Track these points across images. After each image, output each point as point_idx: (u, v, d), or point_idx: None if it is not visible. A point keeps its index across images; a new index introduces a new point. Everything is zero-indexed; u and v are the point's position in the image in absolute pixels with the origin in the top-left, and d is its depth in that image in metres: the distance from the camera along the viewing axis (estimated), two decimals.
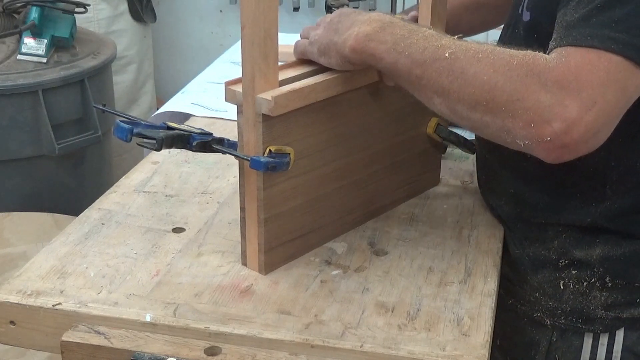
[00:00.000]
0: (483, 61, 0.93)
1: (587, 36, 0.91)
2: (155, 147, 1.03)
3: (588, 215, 1.09)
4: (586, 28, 0.91)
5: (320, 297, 1.05)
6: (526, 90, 0.90)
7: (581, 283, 1.12)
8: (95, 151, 2.34)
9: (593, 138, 0.90)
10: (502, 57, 0.93)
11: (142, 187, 1.34)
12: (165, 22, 3.44)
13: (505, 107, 0.91)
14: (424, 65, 0.96)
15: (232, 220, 1.23)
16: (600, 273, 1.10)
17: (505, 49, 0.95)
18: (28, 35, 2.16)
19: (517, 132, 0.92)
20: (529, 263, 1.16)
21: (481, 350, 0.95)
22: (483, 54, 0.94)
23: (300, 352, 0.97)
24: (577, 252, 1.11)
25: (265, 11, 0.97)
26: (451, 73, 0.94)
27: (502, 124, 0.92)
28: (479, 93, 0.93)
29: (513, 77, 0.91)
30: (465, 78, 0.93)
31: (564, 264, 1.13)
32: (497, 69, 0.92)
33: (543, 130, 0.89)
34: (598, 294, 1.11)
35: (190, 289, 1.06)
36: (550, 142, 0.90)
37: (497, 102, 0.92)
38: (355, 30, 1.01)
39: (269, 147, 1.03)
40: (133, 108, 2.92)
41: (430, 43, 0.97)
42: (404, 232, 1.21)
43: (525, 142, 0.92)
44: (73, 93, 2.20)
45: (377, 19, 1.02)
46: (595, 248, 1.10)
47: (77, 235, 1.19)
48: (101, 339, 0.99)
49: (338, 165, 1.15)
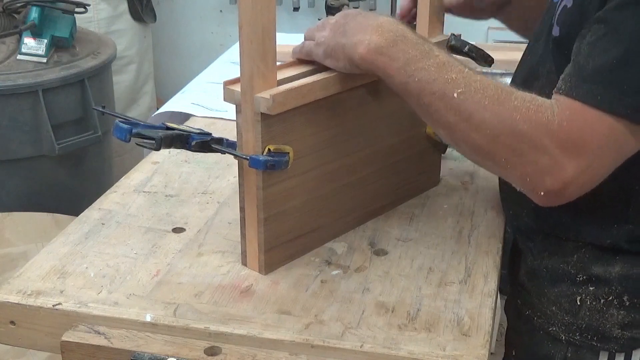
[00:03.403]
0: (489, 109, 0.94)
1: (598, 95, 0.91)
2: (154, 147, 1.03)
3: (609, 237, 1.07)
4: (598, 85, 0.92)
5: (320, 297, 1.05)
6: (527, 148, 0.93)
7: (598, 300, 1.09)
8: (95, 151, 2.34)
9: (582, 190, 0.96)
10: (507, 107, 0.94)
11: (142, 187, 1.34)
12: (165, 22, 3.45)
13: (505, 159, 0.95)
14: (433, 97, 0.97)
15: (232, 220, 1.23)
16: (618, 291, 1.08)
17: (511, 95, 0.95)
18: (28, 35, 2.16)
19: (514, 180, 0.98)
20: (546, 275, 1.14)
21: (481, 350, 0.95)
22: (490, 101, 0.95)
23: (300, 352, 0.97)
24: (596, 269, 1.09)
25: (262, 11, 0.97)
26: (458, 114, 0.96)
27: (499, 171, 1.00)
28: (483, 141, 0.96)
29: (516, 132, 0.93)
30: (471, 123, 0.96)
31: (581, 280, 1.10)
32: (502, 120, 0.94)
33: (538, 185, 0.95)
34: (615, 312, 1.08)
35: (191, 289, 1.06)
36: (544, 196, 0.95)
37: (499, 154, 0.96)
38: (366, 39, 1.00)
39: (267, 146, 1.03)
40: (133, 108, 2.92)
41: (441, 75, 0.97)
42: (404, 232, 1.21)
43: (520, 189, 0.98)
44: (73, 93, 2.20)
45: (389, 29, 1.00)
46: (614, 265, 1.08)
47: (77, 235, 1.19)
48: (101, 339, 0.99)
49: (338, 165, 1.15)
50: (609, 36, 0.93)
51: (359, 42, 1.01)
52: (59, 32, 2.19)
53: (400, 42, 0.99)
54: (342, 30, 1.04)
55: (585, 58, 0.94)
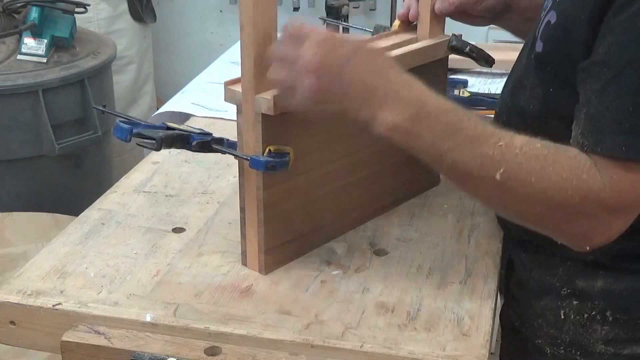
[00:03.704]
0: (537, 186, 0.91)
1: (623, 146, 0.89)
2: (154, 147, 1.03)
3: (591, 253, 1.03)
4: (620, 135, 0.89)
5: (320, 297, 1.05)
6: (578, 217, 0.92)
7: (582, 315, 1.08)
8: (95, 151, 2.34)
9: None
10: (555, 180, 0.91)
11: (142, 187, 1.34)
12: (165, 22, 3.44)
13: (554, 225, 0.95)
14: (470, 177, 0.93)
15: (232, 220, 1.23)
16: (601, 306, 1.06)
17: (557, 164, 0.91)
18: (28, 35, 2.16)
19: (564, 240, 0.98)
20: (534, 287, 1.13)
21: (481, 351, 0.95)
22: (536, 177, 0.91)
23: (300, 352, 0.97)
24: (580, 283, 1.08)
25: (263, 11, 0.97)
26: (501, 194, 0.94)
27: (550, 233, 0.98)
28: (530, 213, 0.95)
29: (567, 205, 0.91)
30: (517, 199, 0.93)
31: (566, 293, 1.09)
32: (551, 196, 0.91)
33: (585, 244, 0.95)
34: (598, 327, 1.07)
35: (191, 289, 1.06)
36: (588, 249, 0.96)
37: (548, 223, 0.95)
38: (384, 117, 0.92)
39: (268, 147, 1.03)
40: (133, 108, 2.92)
41: (476, 152, 0.91)
42: (404, 232, 1.21)
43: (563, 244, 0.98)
44: (73, 93, 2.20)
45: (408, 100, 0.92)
46: (597, 280, 1.06)
47: (77, 235, 1.19)
48: (101, 339, 0.99)
49: (338, 165, 1.15)
50: (616, 81, 0.89)
51: (374, 118, 0.92)
52: (59, 32, 2.19)
53: (423, 117, 0.92)
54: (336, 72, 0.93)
55: (599, 102, 0.91)
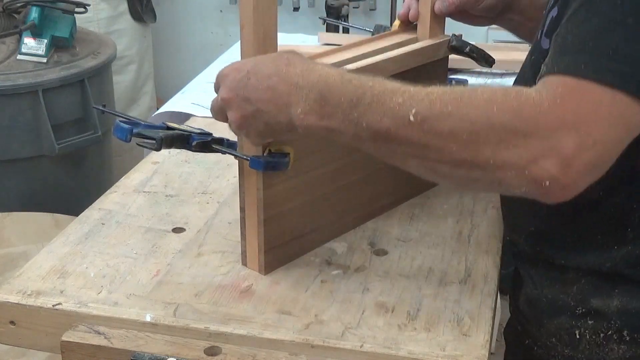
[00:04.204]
0: (455, 115, 0.83)
1: (582, 64, 0.82)
2: (154, 147, 1.03)
3: (608, 260, 1.01)
4: (581, 54, 0.83)
5: (320, 297, 1.05)
6: (514, 137, 0.81)
7: (598, 334, 1.04)
8: (95, 151, 2.34)
9: (590, 175, 0.84)
10: (477, 103, 0.83)
11: (142, 187, 1.34)
12: (165, 22, 3.44)
13: (493, 160, 0.83)
14: (388, 134, 0.86)
15: (232, 220, 1.23)
16: (618, 326, 1.02)
17: (476, 92, 0.85)
18: (28, 35, 2.16)
19: (511, 181, 0.84)
20: (546, 306, 1.08)
21: (481, 351, 0.95)
22: (453, 106, 0.84)
23: (300, 352, 0.97)
24: (595, 301, 1.03)
25: (264, 11, 0.97)
26: (422, 136, 0.85)
27: (493, 176, 0.84)
28: (461, 150, 0.84)
29: (495, 125, 0.82)
30: (441, 138, 0.84)
31: (581, 312, 1.04)
32: (474, 120, 0.83)
33: (539, 174, 0.82)
34: (615, 347, 1.03)
35: (191, 289, 1.06)
36: (549, 186, 0.82)
37: (484, 156, 0.83)
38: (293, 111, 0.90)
39: (268, 147, 1.03)
40: (133, 108, 2.93)
41: (386, 106, 0.86)
42: (404, 232, 1.21)
43: (522, 190, 0.84)
44: (73, 93, 2.20)
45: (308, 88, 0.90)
46: (613, 298, 1.02)
47: (77, 235, 1.19)
48: (101, 339, 0.99)
49: (338, 165, 1.15)
50: (586, 7, 0.85)
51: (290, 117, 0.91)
52: (59, 32, 2.20)
53: (328, 95, 0.89)
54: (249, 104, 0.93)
55: (564, 35, 0.86)
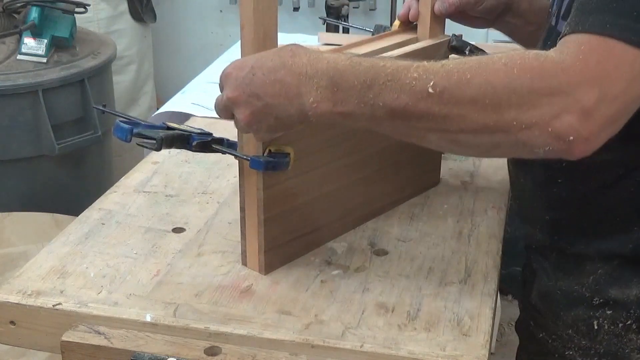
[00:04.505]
0: (475, 81, 0.83)
1: (607, 24, 0.83)
2: (155, 147, 1.03)
3: (629, 242, 1.01)
4: (605, 14, 0.83)
5: (320, 297, 1.05)
6: (537, 97, 0.81)
7: (616, 324, 1.04)
8: (95, 151, 2.34)
9: (609, 128, 0.84)
10: (496, 68, 0.84)
11: (142, 187, 1.34)
12: (165, 22, 3.44)
13: (516, 121, 0.83)
14: (406, 110, 0.86)
15: (232, 220, 1.23)
16: (637, 315, 1.02)
17: (494, 57, 0.85)
18: (28, 35, 2.16)
19: (535, 141, 0.84)
20: (561, 297, 1.08)
21: (481, 351, 0.95)
22: (472, 73, 0.84)
23: (300, 352, 0.97)
24: (613, 291, 1.03)
25: (264, 11, 0.97)
26: (443, 107, 0.85)
27: (516, 138, 0.84)
28: (484, 116, 0.84)
29: (517, 87, 0.82)
30: (462, 106, 0.84)
31: (598, 303, 1.05)
32: (496, 83, 0.83)
33: (563, 130, 0.82)
34: (634, 336, 1.03)
35: (191, 289, 1.06)
36: (573, 141, 0.82)
37: (507, 119, 0.83)
38: (304, 101, 0.90)
39: (268, 147, 1.03)
40: (133, 108, 2.92)
41: (402, 82, 0.86)
42: (404, 232, 1.21)
43: (546, 149, 0.84)
44: (73, 93, 2.20)
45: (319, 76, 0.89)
46: (632, 288, 1.02)
47: (77, 235, 1.19)
48: (101, 339, 0.99)
49: (338, 165, 1.15)
50: None
51: (302, 108, 0.90)
52: (59, 32, 2.19)
53: (339, 80, 0.88)
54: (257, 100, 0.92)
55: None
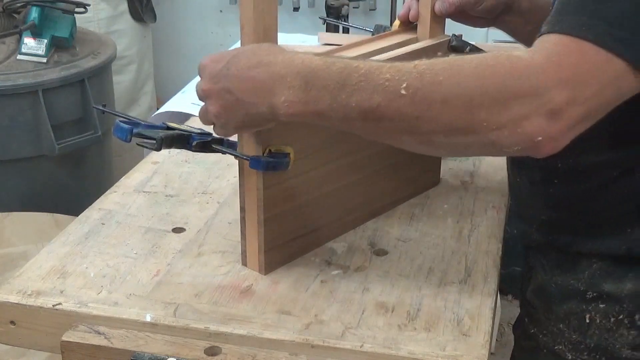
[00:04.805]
0: (446, 83, 0.83)
1: (583, 26, 0.83)
2: (155, 147, 1.03)
3: (623, 243, 1.01)
4: (583, 16, 0.83)
5: (320, 297, 1.05)
6: (508, 98, 0.82)
7: (608, 318, 1.04)
8: (95, 151, 2.34)
9: (575, 130, 0.85)
10: (467, 69, 0.84)
11: (142, 187, 1.34)
12: (165, 22, 3.44)
13: (487, 122, 0.83)
14: (379, 111, 0.86)
15: (232, 220, 1.23)
16: (630, 309, 1.02)
17: (466, 58, 0.85)
18: (28, 35, 2.16)
19: (505, 141, 0.84)
20: (556, 291, 1.09)
21: (481, 350, 0.95)
22: (444, 75, 0.84)
23: (300, 352, 0.97)
24: (607, 285, 1.03)
25: (264, 11, 0.97)
26: (415, 108, 0.84)
27: (487, 139, 0.84)
28: (455, 117, 0.84)
29: (489, 88, 0.82)
30: (434, 107, 0.84)
31: (592, 297, 1.04)
32: (468, 84, 0.83)
33: (531, 130, 0.82)
34: (625, 332, 1.03)
35: (191, 289, 1.06)
36: (541, 141, 0.83)
37: (478, 120, 0.83)
38: (277, 100, 0.90)
39: (268, 147, 1.03)
40: (133, 108, 2.92)
41: (374, 83, 0.85)
42: (404, 232, 1.21)
43: (515, 149, 0.85)
44: (73, 93, 2.20)
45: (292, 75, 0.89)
46: (626, 282, 1.02)
47: (77, 235, 1.19)
48: (101, 339, 0.99)
49: (338, 165, 1.15)
50: None
51: (273, 107, 0.91)
52: (59, 32, 2.19)
53: (312, 80, 0.88)
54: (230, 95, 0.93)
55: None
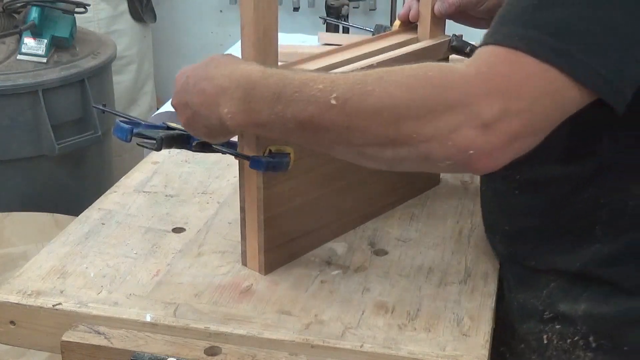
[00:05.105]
0: (376, 92, 0.82)
1: (516, 36, 0.80)
2: (155, 147, 1.03)
3: (578, 259, 1.00)
4: (516, 27, 0.81)
5: (320, 297, 1.05)
6: (436, 109, 0.79)
7: (564, 340, 1.02)
8: (95, 151, 2.34)
9: (514, 145, 0.81)
10: (398, 80, 0.82)
11: (142, 187, 1.34)
12: (165, 22, 3.45)
13: (417, 133, 0.81)
14: (312, 122, 0.85)
15: (232, 220, 1.23)
16: (584, 331, 1.00)
17: (397, 69, 0.84)
18: (28, 35, 2.16)
19: (437, 154, 0.81)
20: (517, 309, 1.08)
21: (481, 351, 0.95)
22: (374, 85, 0.82)
23: (300, 352, 0.97)
24: (562, 306, 1.02)
25: (264, 11, 0.97)
26: (346, 119, 0.83)
27: (418, 151, 0.82)
28: (384, 128, 0.82)
29: (417, 99, 0.80)
30: (364, 118, 0.82)
31: (548, 317, 1.04)
32: (396, 95, 0.81)
33: (462, 143, 0.79)
34: (582, 353, 1.01)
35: (191, 289, 1.06)
36: (473, 155, 0.80)
37: (407, 131, 0.81)
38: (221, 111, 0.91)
39: (269, 147, 1.03)
40: (133, 108, 2.93)
41: (308, 94, 0.85)
42: (404, 232, 1.21)
43: (448, 162, 0.81)
44: (73, 93, 2.20)
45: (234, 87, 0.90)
46: (580, 303, 1.01)
47: (77, 235, 1.19)
48: (101, 339, 0.99)
49: (338, 165, 1.14)
50: None
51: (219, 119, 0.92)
52: (59, 32, 2.20)
53: (252, 91, 0.89)
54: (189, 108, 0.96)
55: (504, 8, 0.85)
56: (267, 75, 0.90)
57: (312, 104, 0.85)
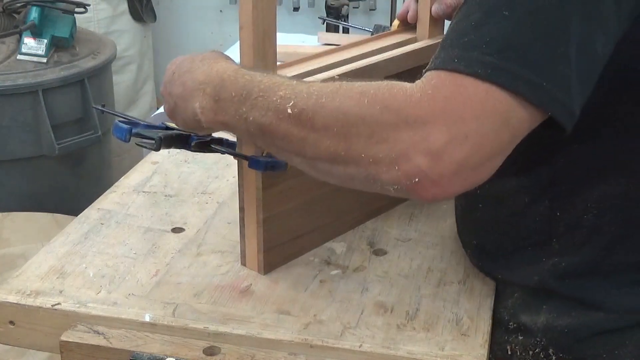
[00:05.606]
0: (329, 106, 0.81)
1: (455, 58, 0.78)
2: (154, 147, 1.03)
3: (536, 273, 1.00)
4: (455, 49, 0.79)
5: (319, 297, 1.05)
6: (384, 130, 0.78)
7: (527, 351, 1.02)
8: (95, 151, 2.34)
9: (463, 173, 0.78)
10: (350, 95, 0.81)
11: (142, 187, 1.34)
12: (165, 22, 3.45)
13: (364, 153, 0.79)
14: (271, 128, 0.85)
15: (232, 220, 1.23)
16: (544, 343, 1.00)
17: (355, 84, 0.82)
18: (28, 35, 2.16)
19: (383, 177, 0.80)
20: None
21: (480, 351, 0.95)
22: (328, 98, 0.81)
23: (299, 352, 0.97)
24: (524, 317, 1.02)
25: (263, 11, 0.97)
26: (300, 130, 0.83)
27: (367, 172, 0.80)
28: (334, 144, 0.81)
29: (367, 117, 0.79)
30: (316, 131, 0.82)
31: (512, 327, 1.04)
32: (347, 111, 0.80)
33: (409, 170, 0.77)
34: None
35: (190, 289, 1.06)
36: (419, 183, 0.77)
37: (356, 150, 0.80)
38: (193, 105, 0.94)
39: None
40: (133, 108, 2.93)
41: (269, 99, 0.85)
42: (403, 232, 1.21)
43: (395, 187, 0.80)
44: (73, 93, 2.20)
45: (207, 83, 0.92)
46: (540, 315, 1.01)
47: (76, 235, 1.19)
48: (100, 339, 0.99)
49: None
50: (468, 2, 0.82)
51: (193, 112, 0.94)
52: (59, 32, 2.20)
53: (221, 90, 0.90)
54: (172, 99, 0.98)
55: (448, 32, 0.84)
56: (239, 75, 0.91)
57: (271, 110, 0.85)
